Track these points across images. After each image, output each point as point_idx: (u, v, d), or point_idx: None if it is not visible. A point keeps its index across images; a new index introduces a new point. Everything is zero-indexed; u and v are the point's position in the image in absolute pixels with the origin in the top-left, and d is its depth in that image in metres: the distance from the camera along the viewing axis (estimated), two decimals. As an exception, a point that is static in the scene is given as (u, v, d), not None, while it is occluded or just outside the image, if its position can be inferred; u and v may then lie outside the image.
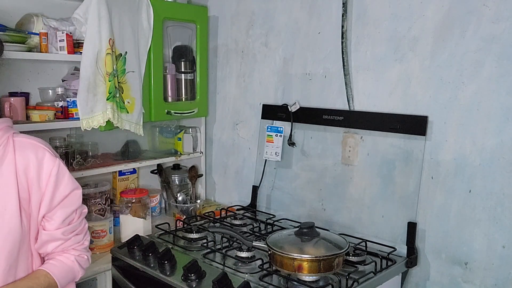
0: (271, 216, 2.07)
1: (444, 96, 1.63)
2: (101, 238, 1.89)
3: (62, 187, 1.29)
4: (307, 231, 1.53)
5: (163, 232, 1.89)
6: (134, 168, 2.25)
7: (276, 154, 2.10)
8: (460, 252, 1.62)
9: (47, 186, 1.26)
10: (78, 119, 1.80)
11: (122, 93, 1.91)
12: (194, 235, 1.82)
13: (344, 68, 1.86)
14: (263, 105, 2.19)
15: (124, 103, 1.91)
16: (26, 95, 1.87)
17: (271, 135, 2.11)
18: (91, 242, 1.86)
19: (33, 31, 1.78)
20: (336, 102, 1.93)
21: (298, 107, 2.03)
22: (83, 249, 1.38)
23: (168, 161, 2.33)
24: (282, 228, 1.84)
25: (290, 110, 2.04)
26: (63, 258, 1.32)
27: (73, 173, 1.85)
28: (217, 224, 1.98)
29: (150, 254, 1.65)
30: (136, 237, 1.77)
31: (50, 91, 1.96)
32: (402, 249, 1.72)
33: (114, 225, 2.00)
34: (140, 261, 1.65)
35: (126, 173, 2.25)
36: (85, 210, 1.39)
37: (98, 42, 1.77)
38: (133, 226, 1.94)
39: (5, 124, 1.26)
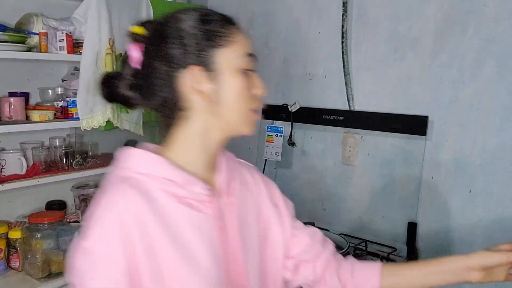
0: (271, 216, 2.06)
1: (444, 96, 1.62)
2: (101, 238, 1.89)
3: None
4: (307, 231, 1.53)
5: (163, 232, 1.88)
6: (134, 168, 2.24)
7: (276, 154, 2.09)
8: (460, 253, 1.61)
9: None
10: (78, 119, 1.80)
11: (122, 93, 1.90)
12: (194, 235, 1.81)
13: (344, 68, 1.85)
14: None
15: (124, 103, 1.91)
16: (26, 95, 1.86)
17: (271, 135, 2.11)
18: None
19: (33, 31, 1.77)
20: (336, 102, 1.93)
21: (298, 107, 2.02)
22: None
23: (168, 161, 2.32)
24: (282, 228, 1.84)
25: (290, 110, 2.03)
26: None
27: (73, 173, 1.86)
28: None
29: (150, 254, 1.65)
30: (136, 237, 1.76)
31: (50, 91, 1.96)
32: (402, 249, 1.71)
33: (114, 225, 2.00)
34: (140, 261, 1.64)
35: (126, 173, 2.24)
36: None
37: (98, 42, 1.77)
38: (133, 226, 1.93)
39: None
